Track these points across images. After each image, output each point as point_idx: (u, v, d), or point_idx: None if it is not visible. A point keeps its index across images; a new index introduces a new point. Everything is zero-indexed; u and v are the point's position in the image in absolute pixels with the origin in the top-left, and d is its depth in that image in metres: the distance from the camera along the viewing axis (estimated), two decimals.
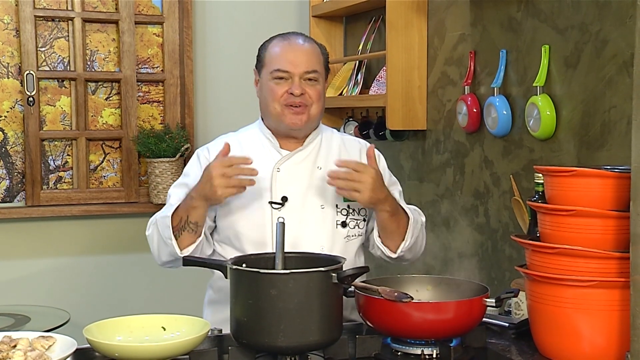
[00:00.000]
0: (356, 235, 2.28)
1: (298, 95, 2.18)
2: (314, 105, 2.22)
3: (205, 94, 3.90)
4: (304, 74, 2.20)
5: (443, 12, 3.07)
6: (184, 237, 2.14)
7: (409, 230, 2.19)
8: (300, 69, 2.19)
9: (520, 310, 2.10)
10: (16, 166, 3.67)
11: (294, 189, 2.23)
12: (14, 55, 3.63)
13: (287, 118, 2.21)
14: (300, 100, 2.19)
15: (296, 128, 2.23)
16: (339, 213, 2.25)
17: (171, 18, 3.84)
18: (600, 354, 1.79)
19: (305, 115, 2.21)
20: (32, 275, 3.67)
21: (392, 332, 1.88)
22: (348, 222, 2.26)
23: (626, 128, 2.19)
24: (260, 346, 1.78)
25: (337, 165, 2.13)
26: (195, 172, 2.25)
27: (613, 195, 1.78)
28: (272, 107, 2.22)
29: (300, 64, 2.20)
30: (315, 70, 2.22)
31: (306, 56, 2.22)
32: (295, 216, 2.18)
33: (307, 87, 2.20)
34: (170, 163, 3.68)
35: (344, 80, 3.67)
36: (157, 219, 2.20)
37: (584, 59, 2.36)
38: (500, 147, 2.75)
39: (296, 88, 2.18)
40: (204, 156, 2.30)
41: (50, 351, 1.73)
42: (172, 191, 2.29)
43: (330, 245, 2.22)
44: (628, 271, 1.63)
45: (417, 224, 2.24)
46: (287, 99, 2.20)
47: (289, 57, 2.21)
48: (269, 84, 2.22)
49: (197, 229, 2.13)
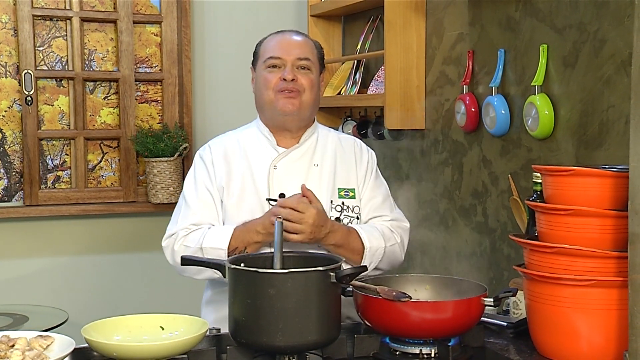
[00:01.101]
0: None
1: (290, 80, 2.24)
2: (306, 92, 2.27)
3: (203, 94, 3.89)
4: (296, 61, 2.26)
5: (441, 12, 3.07)
6: None
7: (365, 259, 2.22)
8: (292, 55, 2.26)
9: (519, 310, 2.10)
10: (14, 165, 3.67)
11: (290, 185, 2.25)
12: (12, 55, 3.63)
13: (279, 103, 2.26)
14: (292, 85, 2.25)
15: (289, 113, 2.26)
16: (333, 209, 2.28)
17: (169, 17, 3.84)
18: (599, 353, 1.79)
19: (297, 100, 2.26)
20: (30, 274, 3.67)
21: (391, 332, 1.88)
22: (342, 219, 2.29)
23: (624, 127, 2.19)
24: (259, 346, 1.78)
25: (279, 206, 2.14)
26: (203, 173, 2.29)
27: (611, 195, 1.78)
28: (266, 94, 2.27)
29: (293, 51, 2.28)
30: (307, 58, 2.28)
31: (299, 45, 2.30)
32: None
33: (299, 74, 2.27)
34: (168, 162, 3.67)
35: (342, 80, 3.67)
36: (204, 248, 2.17)
37: (582, 58, 2.36)
38: (498, 146, 2.75)
39: (288, 74, 2.25)
40: (207, 155, 2.34)
41: (49, 351, 1.73)
42: (191, 200, 2.28)
43: None
44: (626, 270, 1.63)
45: (377, 252, 2.24)
46: (280, 84, 2.25)
47: (282, 45, 2.29)
48: (262, 73, 2.29)
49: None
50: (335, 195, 2.29)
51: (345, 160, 2.35)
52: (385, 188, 2.42)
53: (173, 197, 3.68)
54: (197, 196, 2.29)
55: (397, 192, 3.34)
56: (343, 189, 2.31)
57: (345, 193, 2.31)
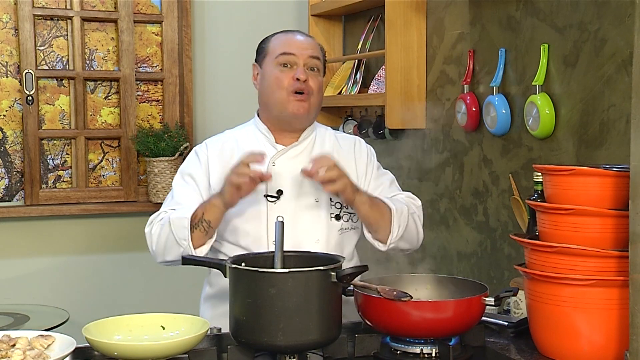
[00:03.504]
0: (349, 229, 2.30)
1: (303, 80, 2.22)
2: (314, 94, 2.26)
3: (204, 93, 3.90)
4: (308, 59, 2.25)
5: (442, 11, 3.07)
6: (194, 236, 2.13)
7: (394, 221, 2.20)
8: (305, 52, 2.25)
9: (519, 309, 2.10)
10: (15, 165, 3.67)
11: (289, 182, 2.25)
12: (12, 54, 3.63)
13: (291, 105, 2.23)
14: (305, 86, 2.23)
15: (299, 116, 2.25)
16: (333, 206, 2.27)
17: (170, 17, 3.84)
18: (599, 352, 1.79)
19: (307, 103, 2.25)
20: (31, 274, 3.67)
21: (391, 331, 1.88)
22: (342, 215, 2.28)
23: (625, 127, 2.19)
24: (259, 345, 1.78)
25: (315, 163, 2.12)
26: (196, 167, 2.30)
27: (612, 194, 1.78)
28: (279, 94, 2.24)
29: (305, 49, 2.26)
30: (317, 57, 2.28)
31: (309, 44, 2.30)
32: (290, 210, 2.21)
33: (310, 76, 2.25)
34: (169, 162, 3.68)
35: (343, 79, 3.67)
36: (171, 219, 2.16)
37: (582, 57, 2.36)
38: (499, 146, 2.75)
39: (301, 73, 2.22)
40: (202, 152, 2.34)
41: (50, 350, 1.73)
42: (177, 189, 2.30)
43: (325, 238, 2.24)
44: (627, 270, 1.63)
45: (403, 214, 2.23)
46: (293, 85, 2.23)
47: (294, 42, 2.28)
48: (273, 72, 2.26)
49: (209, 229, 2.14)
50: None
51: (343, 157, 2.31)
52: (390, 175, 2.42)
53: None
54: (182, 185, 2.29)
55: None
56: None
57: None
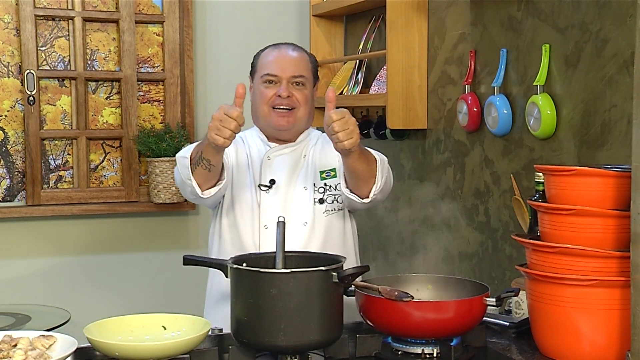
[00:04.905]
0: (336, 210, 2.41)
1: (285, 97, 2.34)
2: (301, 108, 2.38)
3: (205, 93, 3.90)
4: (291, 78, 2.36)
5: (443, 11, 3.07)
6: (197, 173, 2.19)
7: (378, 170, 2.23)
8: (287, 73, 2.36)
9: (521, 310, 2.10)
10: (16, 165, 3.67)
11: (281, 173, 2.39)
12: (14, 55, 3.63)
13: (273, 120, 2.37)
14: (287, 102, 2.35)
15: (283, 129, 2.38)
16: (316, 191, 2.40)
17: (171, 17, 3.84)
18: (601, 353, 1.79)
19: (292, 117, 2.38)
20: (32, 274, 3.67)
21: (393, 331, 1.88)
22: (325, 198, 2.40)
23: (626, 127, 2.19)
24: (261, 345, 1.79)
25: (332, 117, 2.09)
26: None
27: (613, 195, 1.78)
28: (261, 109, 2.38)
29: (288, 69, 2.36)
30: (302, 75, 2.38)
31: (294, 63, 2.38)
32: (280, 196, 2.37)
33: (295, 90, 2.37)
34: (170, 162, 3.67)
35: (344, 80, 3.67)
36: (177, 158, 2.27)
37: (584, 58, 2.36)
38: (500, 146, 2.75)
39: (283, 90, 2.34)
40: None
41: (51, 350, 1.73)
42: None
43: (312, 221, 2.37)
44: (628, 270, 1.63)
45: (384, 163, 2.28)
46: (275, 100, 2.36)
47: (278, 63, 2.37)
48: (259, 87, 2.39)
49: (209, 166, 2.18)
50: (317, 178, 2.40)
51: (324, 145, 2.44)
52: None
53: (175, 197, 3.68)
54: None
55: (399, 192, 3.34)
56: (324, 171, 2.42)
57: (327, 174, 2.42)
